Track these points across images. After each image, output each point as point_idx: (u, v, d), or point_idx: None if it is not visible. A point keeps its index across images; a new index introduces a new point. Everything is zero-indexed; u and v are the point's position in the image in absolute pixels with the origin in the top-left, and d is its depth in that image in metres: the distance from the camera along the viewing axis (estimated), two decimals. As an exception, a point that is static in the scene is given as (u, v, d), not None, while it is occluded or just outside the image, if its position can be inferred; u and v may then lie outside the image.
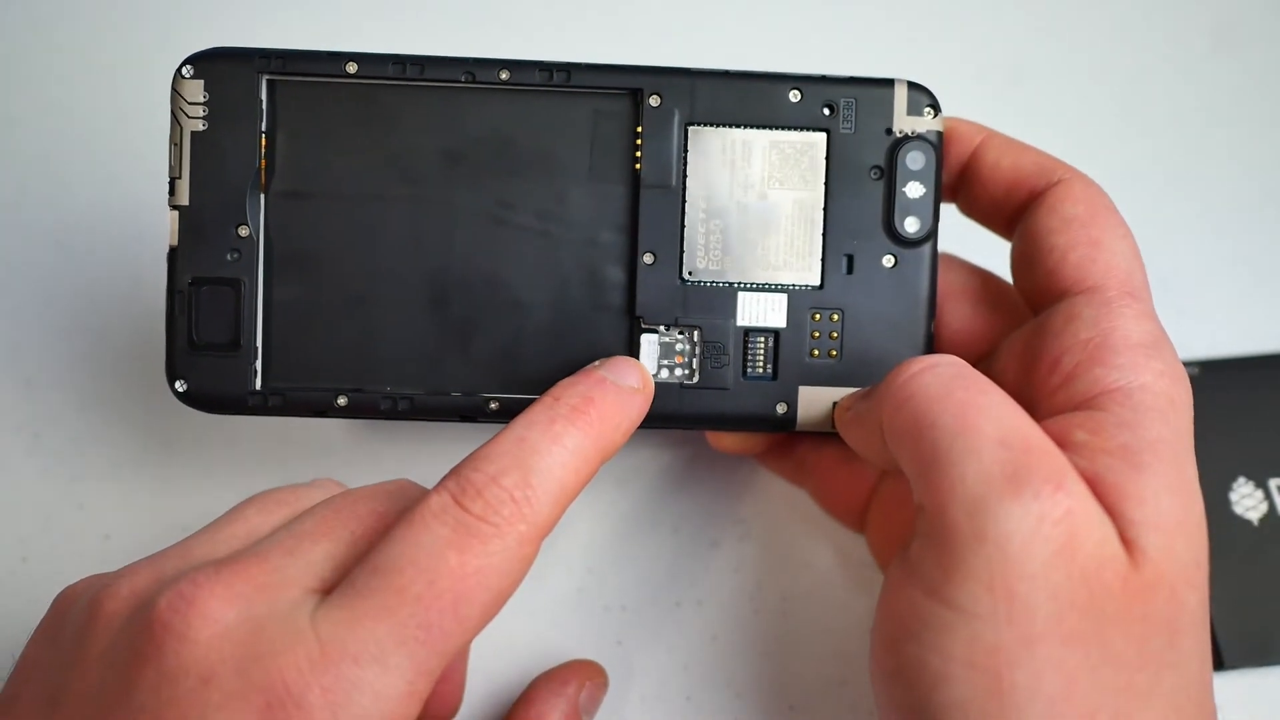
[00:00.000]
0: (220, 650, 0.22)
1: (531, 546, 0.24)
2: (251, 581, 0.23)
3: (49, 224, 0.38)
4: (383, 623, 0.22)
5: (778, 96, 0.29)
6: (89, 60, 0.40)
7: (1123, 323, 0.26)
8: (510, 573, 0.23)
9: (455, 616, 0.22)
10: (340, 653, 0.22)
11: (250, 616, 0.22)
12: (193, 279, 0.28)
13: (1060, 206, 0.27)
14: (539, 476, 0.24)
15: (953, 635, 0.23)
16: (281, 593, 0.23)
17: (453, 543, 0.23)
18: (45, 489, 0.36)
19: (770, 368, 0.29)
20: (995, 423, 0.23)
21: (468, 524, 0.23)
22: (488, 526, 0.23)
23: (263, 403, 0.29)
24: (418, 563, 0.22)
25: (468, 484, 0.23)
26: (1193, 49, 0.41)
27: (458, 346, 0.29)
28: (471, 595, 0.23)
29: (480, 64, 0.28)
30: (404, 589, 0.22)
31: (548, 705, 0.32)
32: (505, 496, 0.23)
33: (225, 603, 0.22)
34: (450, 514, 0.23)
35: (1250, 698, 0.34)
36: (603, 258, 0.29)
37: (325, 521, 0.24)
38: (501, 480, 0.24)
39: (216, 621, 0.22)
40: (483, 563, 0.23)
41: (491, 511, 0.23)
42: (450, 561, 0.23)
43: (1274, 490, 0.36)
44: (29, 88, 0.39)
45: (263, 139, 0.28)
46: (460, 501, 0.23)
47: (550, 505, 0.24)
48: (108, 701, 0.22)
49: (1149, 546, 0.23)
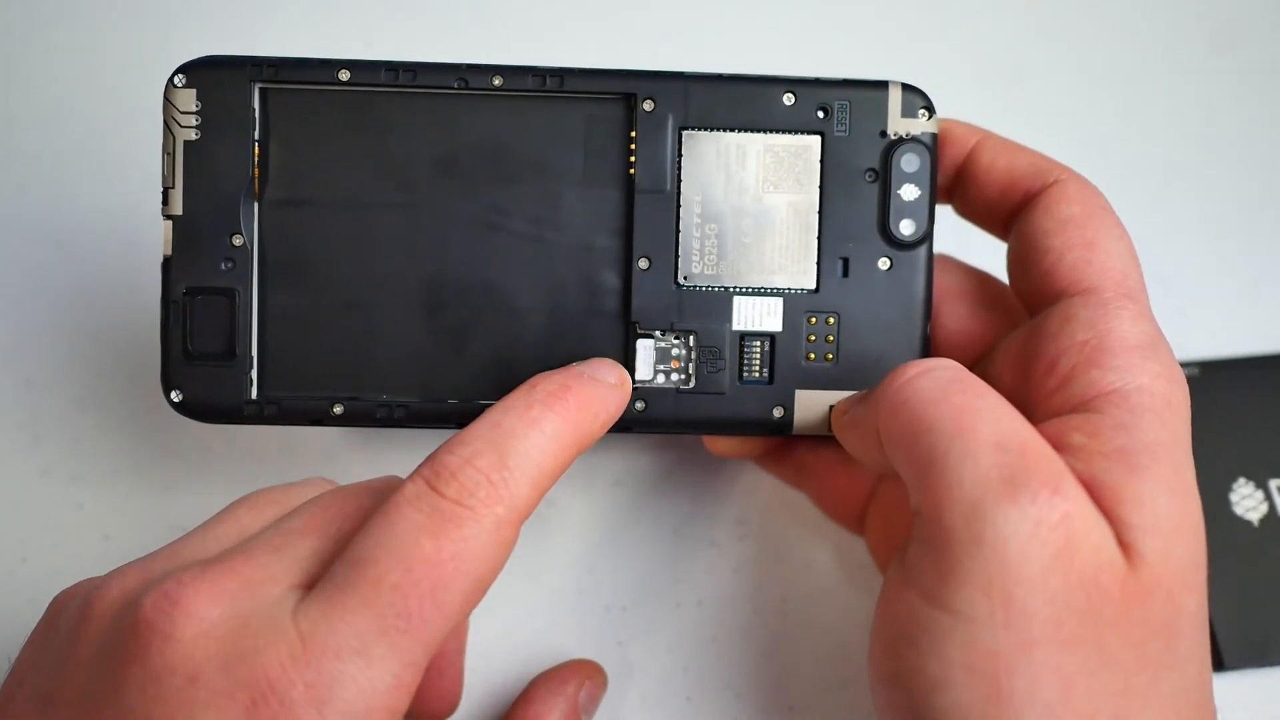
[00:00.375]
0: (205, 649, 0.22)
1: (510, 530, 0.23)
2: (236, 579, 0.23)
3: (49, 225, 0.38)
4: (361, 615, 0.22)
5: (771, 100, 0.29)
6: (89, 61, 0.40)
7: (1119, 324, 0.25)
8: (489, 558, 0.23)
9: (435, 603, 0.22)
10: (321, 648, 0.22)
11: (234, 614, 0.22)
12: (187, 289, 0.28)
13: (1056, 208, 0.27)
14: (516, 459, 0.24)
15: (950, 640, 0.23)
16: (266, 589, 0.23)
17: (427, 529, 0.23)
18: (45, 490, 0.36)
19: (766, 372, 0.29)
20: (991, 427, 0.23)
21: (442, 509, 0.23)
22: (463, 510, 0.23)
23: (259, 412, 0.29)
24: (393, 551, 0.22)
25: (442, 468, 0.23)
26: (1193, 49, 0.41)
27: (453, 353, 0.29)
28: (449, 581, 0.22)
29: (473, 70, 0.28)
30: (380, 579, 0.22)
31: (547, 705, 0.32)
32: (481, 479, 0.23)
33: (209, 600, 0.22)
34: (425, 500, 0.23)
35: (1250, 698, 0.34)
36: (598, 263, 0.29)
37: (313, 518, 0.24)
38: (476, 462, 0.23)
39: (201, 620, 0.22)
40: (459, 548, 0.23)
41: (467, 494, 0.23)
42: (425, 548, 0.22)
43: (1274, 491, 0.36)
44: (29, 88, 0.39)
45: (256, 147, 0.28)
46: (435, 486, 0.23)
47: (528, 488, 0.24)
48: (97, 702, 0.22)
49: (1146, 550, 0.23)
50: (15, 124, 0.39)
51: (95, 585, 0.24)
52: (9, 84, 0.39)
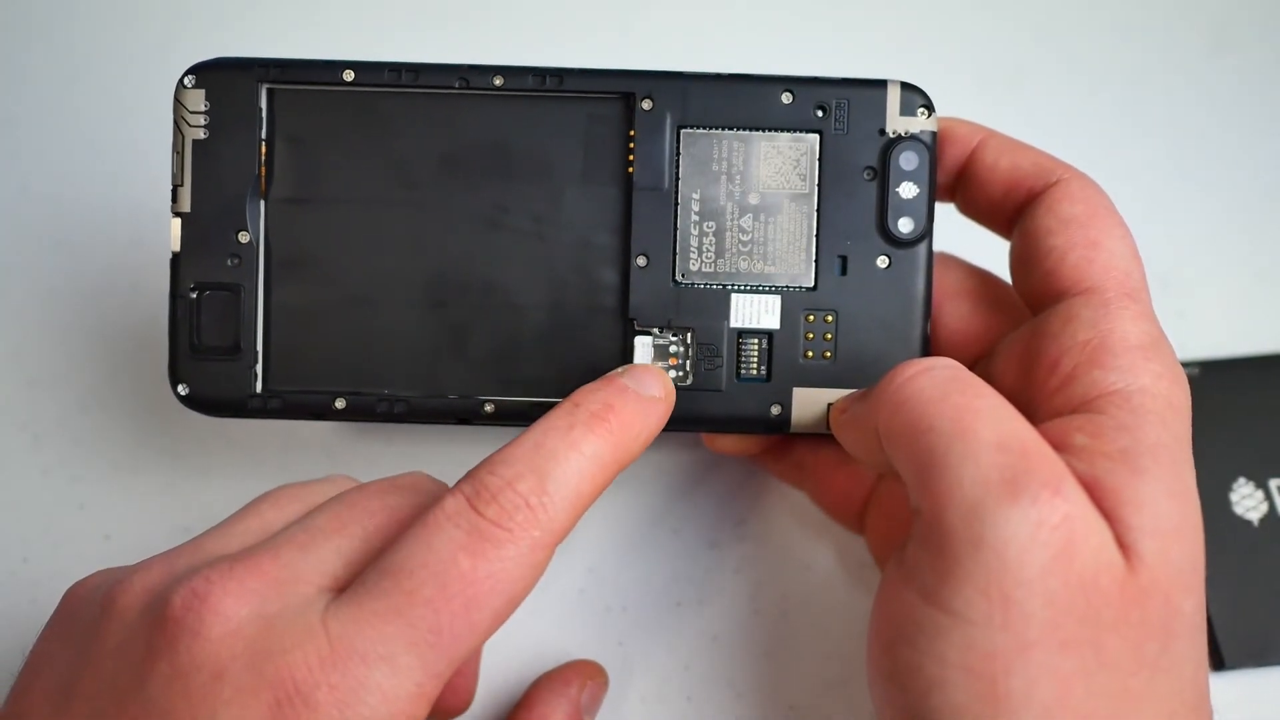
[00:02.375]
0: (232, 646, 0.22)
1: (544, 553, 0.24)
2: (264, 577, 0.23)
3: (50, 225, 0.38)
4: (392, 624, 0.22)
5: (770, 98, 0.29)
6: (89, 61, 0.40)
7: (1121, 324, 0.25)
8: (522, 578, 0.23)
9: (466, 620, 0.22)
10: (349, 651, 0.22)
11: (262, 613, 0.22)
12: (194, 284, 0.29)
13: (1058, 207, 0.27)
14: (555, 483, 0.24)
15: (948, 640, 0.23)
16: (294, 589, 0.23)
17: (466, 546, 0.23)
18: (46, 489, 0.36)
19: (764, 369, 0.29)
20: (992, 427, 0.23)
21: (481, 528, 0.23)
22: (501, 531, 0.23)
23: (263, 406, 0.29)
24: (429, 565, 0.22)
25: (483, 488, 0.23)
26: (1193, 49, 0.41)
27: (454, 349, 0.29)
28: (483, 600, 0.23)
29: (474, 70, 0.29)
30: (415, 591, 0.22)
31: (550, 706, 0.32)
32: (520, 502, 0.23)
33: (238, 599, 0.22)
34: (464, 517, 0.23)
35: (1250, 698, 0.34)
36: (597, 261, 0.29)
37: (338, 517, 0.25)
38: (517, 485, 0.23)
39: (229, 618, 0.22)
40: (495, 568, 0.23)
41: (506, 516, 0.23)
42: (462, 565, 0.22)
43: (1274, 491, 0.36)
44: (29, 88, 0.40)
45: (262, 146, 0.29)
46: (475, 505, 0.23)
47: (566, 512, 0.24)
48: (120, 695, 0.22)
49: (1146, 552, 0.23)
50: (15, 124, 0.39)
51: (117, 579, 0.24)
52: (9, 84, 0.40)
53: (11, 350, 0.37)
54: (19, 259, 0.38)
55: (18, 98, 0.39)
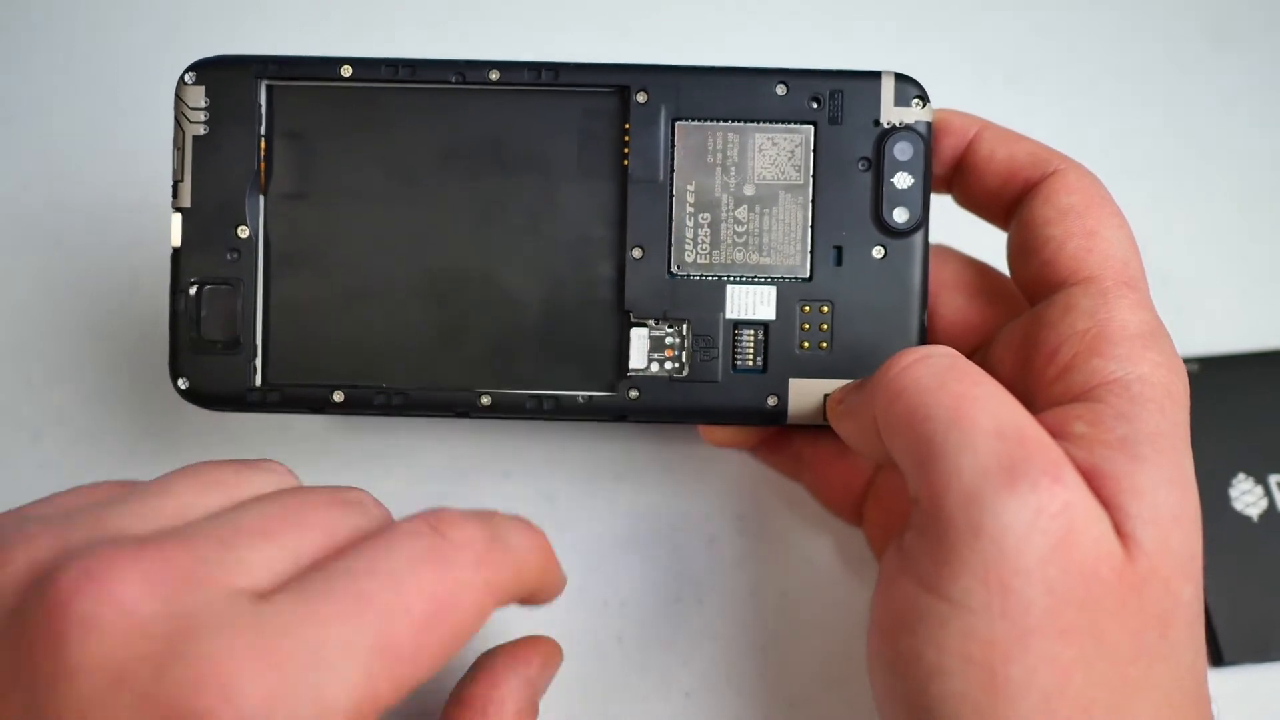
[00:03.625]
0: (138, 646, 0.18)
1: (490, 601, 0.22)
2: (177, 569, 0.19)
3: (50, 223, 0.38)
4: (335, 627, 0.19)
5: (764, 90, 0.29)
6: (89, 60, 0.40)
7: (1120, 313, 0.25)
8: (473, 614, 0.22)
9: (423, 637, 0.20)
10: (284, 657, 0.19)
11: (177, 611, 0.19)
12: (195, 279, 0.29)
13: (1056, 197, 0.27)
14: (506, 542, 0.23)
15: (947, 628, 0.22)
16: (212, 587, 0.19)
17: (429, 560, 0.21)
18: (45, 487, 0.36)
19: (760, 360, 0.29)
20: (990, 415, 0.23)
21: (443, 548, 0.21)
22: (465, 554, 0.22)
23: (262, 399, 0.29)
24: (389, 571, 0.21)
25: (444, 515, 0.22)
26: (1193, 49, 0.41)
27: (451, 343, 0.29)
28: (442, 619, 0.21)
29: (471, 65, 0.29)
30: (370, 596, 0.20)
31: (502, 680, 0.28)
32: (480, 537, 0.22)
33: (144, 590, 0.19)
34: (427, 536, 0.22)
35: (1250, 694, 0.34)
36: (593, 253, 0.29)
37: (270, 523, 0.21)
38: (476, 525, 0.22)
39: (133, 611, 0.19)
40: (456, 589, 0.21)
41: (468, 542, 0.22)
42: (425, 576, 0.21)
43: (1274, 487, 0.36)
44: (29, 88, 0.40)
45: (262, 142, 0.29)
46: (437, 527, 0.22)
47: (511, 572, 0.23)
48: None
49: (1145, 540, 0.23)
50: (15, 123, 0.39)
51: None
52: (9, 84, 0.40)
53: (10, 347, 0.37)
54: (18, 257, 0.38)
55: (18, 98, 0.39)
